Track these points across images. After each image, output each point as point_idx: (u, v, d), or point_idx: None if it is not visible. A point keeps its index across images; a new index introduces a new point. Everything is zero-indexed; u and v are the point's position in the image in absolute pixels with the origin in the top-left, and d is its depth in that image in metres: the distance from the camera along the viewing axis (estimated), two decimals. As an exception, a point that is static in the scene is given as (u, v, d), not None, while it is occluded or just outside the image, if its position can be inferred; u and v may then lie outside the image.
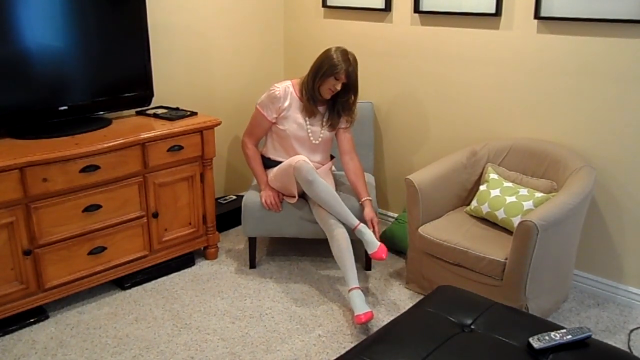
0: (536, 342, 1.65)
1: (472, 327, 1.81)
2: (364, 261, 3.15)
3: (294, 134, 2.95)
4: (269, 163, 3.06)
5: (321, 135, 2.99)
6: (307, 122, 2.95)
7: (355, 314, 2.55)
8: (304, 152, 2.97)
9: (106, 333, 2.57)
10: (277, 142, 3.03)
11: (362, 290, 2.66)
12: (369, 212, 2.86)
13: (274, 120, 2.96)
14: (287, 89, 2.94)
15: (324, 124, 2.99)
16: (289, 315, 2.72)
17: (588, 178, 2.60)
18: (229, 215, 3.58)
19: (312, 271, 3.13)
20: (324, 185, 2.75)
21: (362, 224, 2.77)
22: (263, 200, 2.95)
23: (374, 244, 2.71)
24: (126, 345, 2.49)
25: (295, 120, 2.94)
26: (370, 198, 2.90)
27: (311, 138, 2.96)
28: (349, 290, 2.65)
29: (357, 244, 2.83)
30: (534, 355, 1.64)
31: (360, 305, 2.57)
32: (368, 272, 3.12)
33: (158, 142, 2.83)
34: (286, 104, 2.93)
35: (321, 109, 2.99)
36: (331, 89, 2.87)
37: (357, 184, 2.94)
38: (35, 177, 2.44)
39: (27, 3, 2.55)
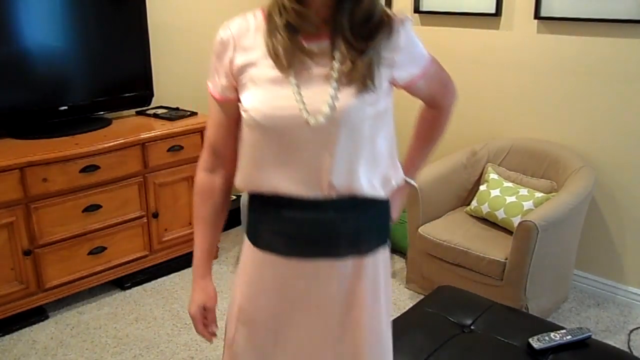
0: (536, 343, 1.65)
1: (472, 327, 1.81)
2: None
3: (265, 115, 1.16)
4: (253, 205, 1.31)
5: (332, 104, 1.13)
6: (292, 79, 1.16)
7: None
8: (294, 164, 1.18)
9: (106, 333, 2.57)
10: (248, 152, 1.24)
11: None
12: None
13: (229, 98, 1.26)
14: (249, 17, 1.25)
15: (336, 73, 1.15)
16: (289, 315, 2.72)
17: (588, 178, 2.60)
18: (229, 215, 3.56)
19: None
20: None
21: None
22: (191, 313, 1.36)
23: None
24: (126, 345, 2.49)
25: (266, 79, 1.17)
26: (412, 182, 1.48)
27: (305, 114, 1.14)
28: None
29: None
30: (534, 355, 1.64)
31: None
32: (368, 272, 3.11)
33: (158, 142, 2.83)
34: (247, 42, 1.22)
35: (316, 46, 1.18)
36: None
37: (416, 141, 1.54)
38: (35, 177, 2.44)
39: (27, 3, 2.55)
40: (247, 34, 1.22)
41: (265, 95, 1.16)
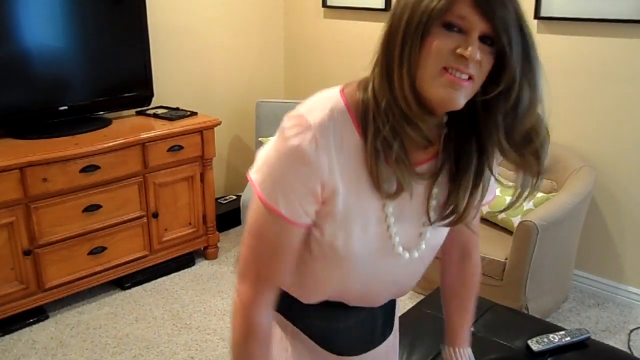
0: (535, 345, 1.65)
1: (472, 329, 1.81)
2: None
3: (355, 254, 0.98)
4: (294, 311, 1.15)
5: (426, 237, 1.04)
6: (388, 208, 0.97)
7: None
8: (368, 286, 1.07)
9: (106, 333, 2.57)
10: (313, 275, 1.06)
11: None
12: None
13: (309, 223, 0.96)
14: (336, 117, 0.91)
15: (435, 208, 1.02)
16: (288, 315, 2.72)
17: (588, 178, 2.59)
18: (229, 215, 3.58)
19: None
20: None
21: None
22: None
23: None
24: (126, 345, 2.49)
25: (359, 211, 0.95)
26: (468, 349, 1.38)
27: (399, 249, 1.01)
28: None
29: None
30: (533, 357, 1.64)
31: None
32: (368, 272, 3.12)
33: (158, 142, 2.83)
34: (339, 157, 0.91)
35: (424, 168, 0.98)
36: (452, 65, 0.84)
37: (457, 307, 1.39)
38: (35, 177, 2.44)
39: (27, 3, 2.55)
40: (338, 146, 0.91)
41: (358, 234, 0.96)
